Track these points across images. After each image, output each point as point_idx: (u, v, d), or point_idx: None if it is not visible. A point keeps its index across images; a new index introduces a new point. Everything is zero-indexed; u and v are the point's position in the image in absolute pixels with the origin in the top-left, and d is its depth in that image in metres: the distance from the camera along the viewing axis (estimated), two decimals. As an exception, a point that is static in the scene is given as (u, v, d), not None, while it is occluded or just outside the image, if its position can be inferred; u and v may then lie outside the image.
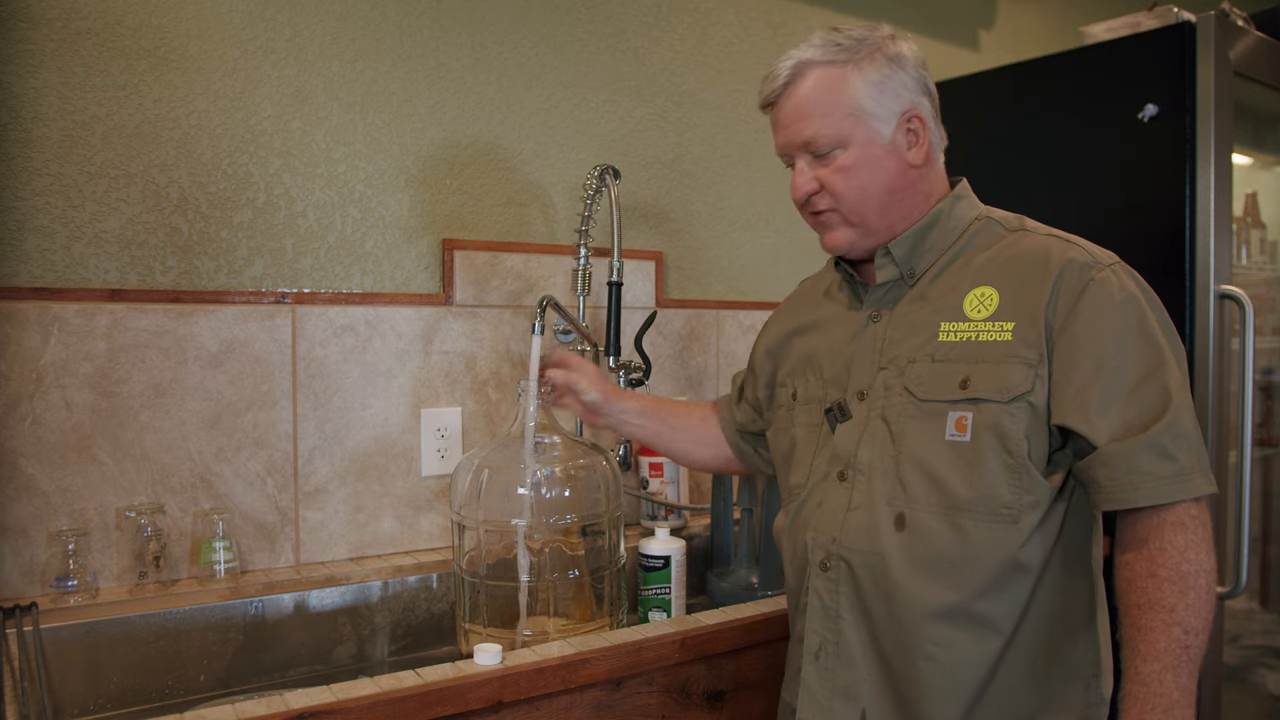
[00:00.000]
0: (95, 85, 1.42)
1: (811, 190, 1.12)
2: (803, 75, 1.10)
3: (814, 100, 1.09)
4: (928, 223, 1.13)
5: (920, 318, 1.10)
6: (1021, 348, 1.02)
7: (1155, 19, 1.84)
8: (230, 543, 1.48)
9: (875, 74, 1.08)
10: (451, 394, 1.73)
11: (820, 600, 1.09)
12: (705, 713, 1.28)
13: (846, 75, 1.08)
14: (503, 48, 1.80)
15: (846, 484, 1.10)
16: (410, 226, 1.70)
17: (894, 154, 1.10)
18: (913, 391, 1.07)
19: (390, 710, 1.01)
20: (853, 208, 1.11)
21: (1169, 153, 1.77)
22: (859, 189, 1.10)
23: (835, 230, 1.14)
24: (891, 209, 1.12)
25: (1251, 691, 2.16)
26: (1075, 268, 1.03)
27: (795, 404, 1.22)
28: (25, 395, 1.37)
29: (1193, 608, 0.95)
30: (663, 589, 1.56)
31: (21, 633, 1.24)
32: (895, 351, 1.10)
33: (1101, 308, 1.01)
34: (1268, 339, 2.19)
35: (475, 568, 1.41)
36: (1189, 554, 0.96)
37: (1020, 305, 1.04)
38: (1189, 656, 0.95)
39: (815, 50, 1.10)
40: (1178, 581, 0.96)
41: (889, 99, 1.09)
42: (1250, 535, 1.75)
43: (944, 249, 1.13)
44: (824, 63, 1.09)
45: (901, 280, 1.14)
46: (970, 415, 1.03)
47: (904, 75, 1.10)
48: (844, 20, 2.34)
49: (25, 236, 1.38)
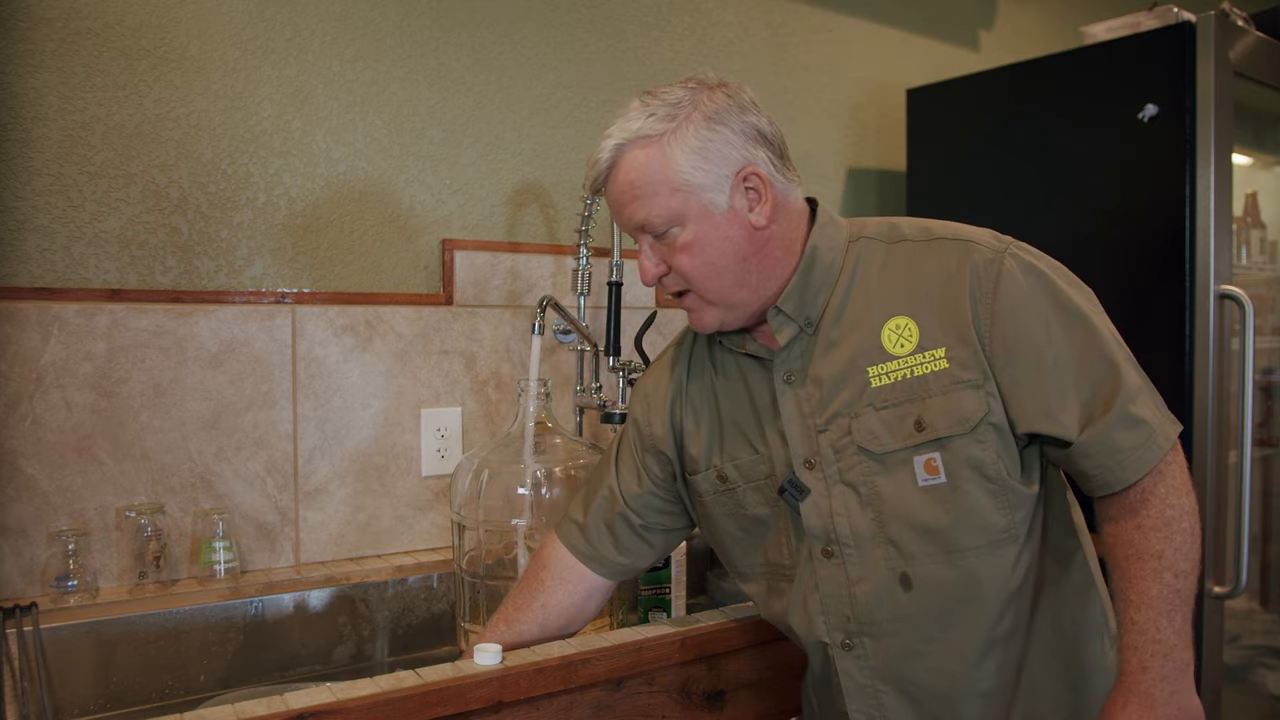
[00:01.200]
0: (95, 85, 1.42)
1: (660, 273, 1.05)
2: (621, 157, 1.02)
3: (636, 182, 1.01)
4: (805, 268, 1.06)
5: (841, 367, 1.04)
6: (962, 371, 0.99)
7: (1155, 19, 1.84)
8: (230, 543, 1.48)
9: (694, 140, 1.00)
10: (451, 394, 1.73)
11: (853, 680, 1.07)
12: (705, 713, 1.28)
13: (664, 150, 1.00)
14: (503, 48, 1.80)
15: (836, 560, 1.06)
16: (410, 226, 1.70)
17: (735, 221, 1.02)
18: (868, 449, 1.02)
19: (390, 710, 1.01)
20: (706, 286, 1.03)
21: (1169, 153, 1.77)
22: (707, 265, 1.02)
23: (700, 312, 1.06)
24: (750, 276, 1.04)
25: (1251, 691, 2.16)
26: (980, 269, 1.00)
27: (731, 486, 1.13)
28: (25, 395, 1.37)
29: (1180, 551, 0.96)
30: (663, 589, 1.56)
31: (21, 633, 1.24)
32: (830, 410, 1.04)
33: (1018, 300, 0.99)
34: (1268, 339, 2.19)
35: (475, 568, 1.41)
36: (1170, 499, 0.98)
37: (943, 328, 1.01)
38: (1181, 599, 0.96)
39: (632, 125, 1.02)
40: (1162, 528, 0.97)
41: (715, 164, 1.00)
42: (1250, 535, 1.75)
43: (831, 285, 1.06)
44: (641, 139, 1.01)
45: (802, 333, 1.06)
46: (938, 455, 1.00)
47: (727, 133, 1.01)
48: (845, 21, 2.34)
49: (25, 236, 1.38)
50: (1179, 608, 0.95)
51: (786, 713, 1.33)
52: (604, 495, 1.22)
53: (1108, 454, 0.97)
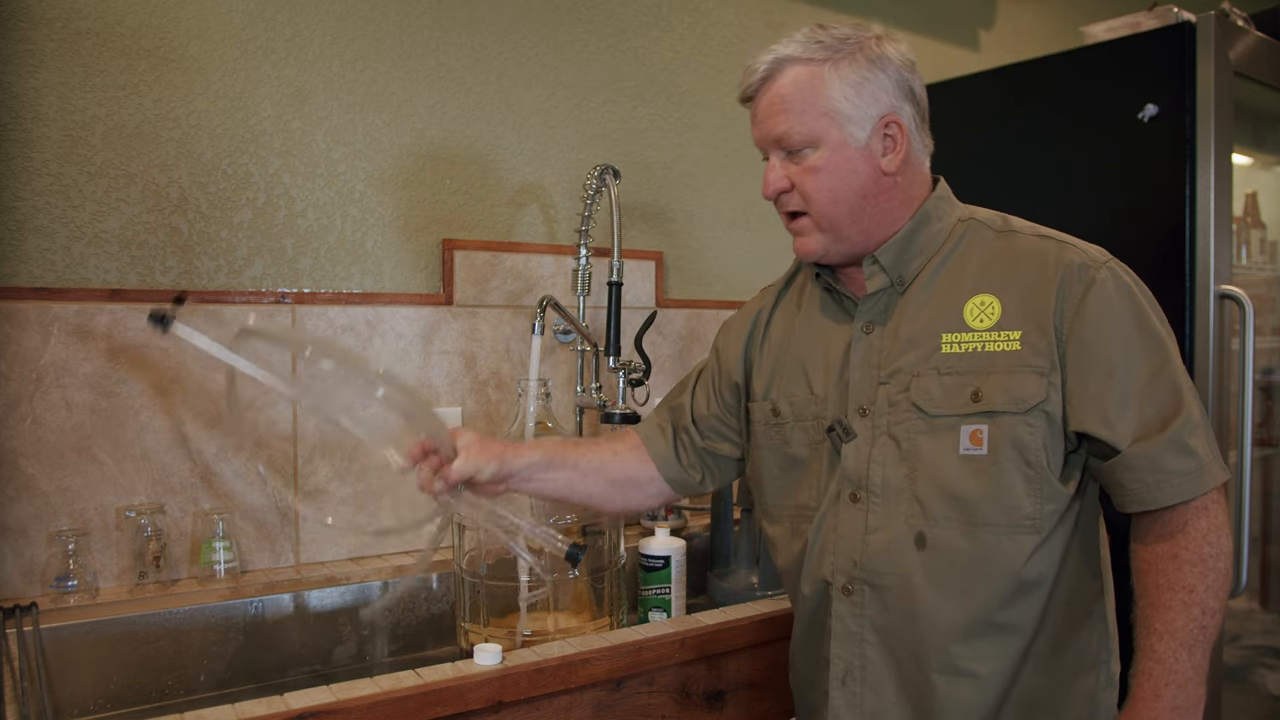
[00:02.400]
0: (95, 85, 1.42)
1: (782, 188, 1.10)
2: (780, 71, 1.07)
3: (788, 97, 1.06)
4: (912, 227, 1.10)
5: (918, 329, 1.07)
6: (1032, 356, 1.01)
7: (1155, 19, 1.84)
8: (230, 543, 1.48)
9: (854, 75, 1.05)
10: (451, 394, 1.73)
11: (844, 625, 1.08)
12: (705, 713, 1.28)
13: (823, 74, 1.05)
14: (503, 48, 1.80)
15: (860, 505, 1.08)
16: (410, 226, 1.70)
17: (867, 159, 1.07)
18: (921, 407, 1.05)
19: (390, 710, 1.01)
20: (822, 211, 1.08)
21: (1169, 153, 1.77)
22: (829, 191, 1.07)
23: (807, 237, 1.11)
24: (865, 216, 1.08)
25: (1251, 691, 2.15)
26: (1075, 270, 1.02)
27: (781, 421, 1.17)
28: (25, 395, 1.37)
29: (1212, 589, 0.97)
30: (663, 589, 1.56)
31: (21, 633, 1.24)
32: (895, 365, 1.08)
33: (1106, 310, 1.01)
34: (1268, 339, 2.18)
35: (475, 568, 1.41)
36: (1210, 537, 0.98)
37: (1025, 313, 1.03)
38: (1205, 636, 0.96)
39: (796, 47, 1.07)
40: (1199, 564, 0.97)
41: (866, 102, 1.05)
42: (1250, 535, 1.75)
43: (931, 253, 1.10)
44: (803, 60, 1.06)
45: (892, 288, 1.11)
46: (986, 428, 1.02)
47: (884, 78, 1.06)
48: (844, 20, 2.34)
49: (25, 236, 1.38)
50: (1201, 644, 0.96)
51: (786, 713, 1.33)
52: (676, 409, 1.30)
53: (1152, 471, 0.98)
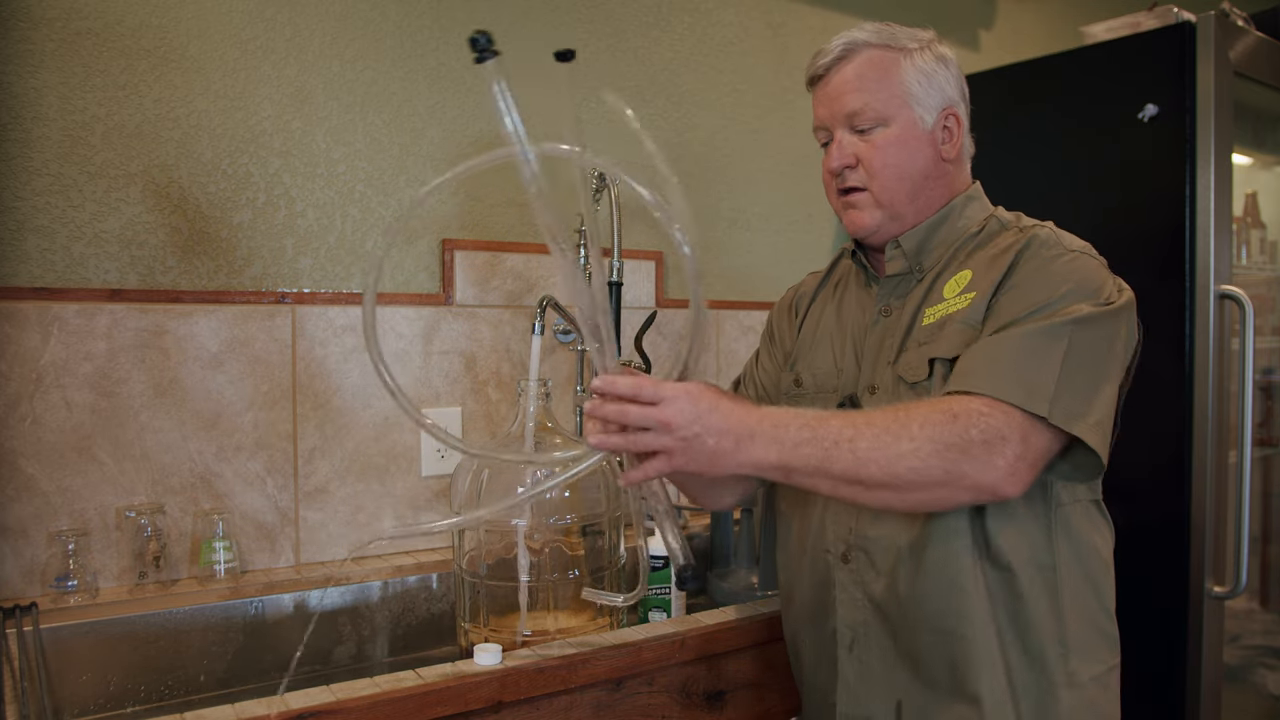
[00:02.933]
0: (95, 85, 1.42)
1: (848, 163, 1.14)
2: (856, 52, 1.14)
3: (865, 75, 1.13)
4: (939, 219, 1.16)
5: (919, 311, 1.13)
6: (972, 314, 1.05)
7: (1155, 19, 1.84)
8: (230, 543, 1.48)
9: (925, 65, 1.13)
10: (451, 394, 1.73)
11: (848, 593, 1.12)
12: (705, 713, 1.28)
13: (899, 60, 1.13)
14: (503, 48, 1.80)
15: None
16: (410, 226, 1.70)
17: (931, 142, 1.14)
18: (904, 378, 1.10)
19: (390, 710, 1.01)
20: (885, 186, 1.13)
21: (1169, 153, 1.77)
22: (896, 168, 1.12)
23: (863, 211, 1.15)
24: (920, 196, 1.15)
25: (1251, 691, 2.15)
26: (1034, 244, 1.06)
27: (803, 392, 1.23)
28: (25, 395, 1.37)
29: (891, 455, 0.94)
30: (663, 589, 1.56)
31: (21, 633, 1.24)
32: (900, 346, 1.13)
33: (1035, 262, 1.05)
34: (1268, 339, 2.19)
35: (475, 568, 1.41)
36: (976, 425, 0.96)
37: (984, 280, 1.07)
38: (827, 458, 0.94)
39: (869, 34, 1.14)
40: (933, 424, 0.95)
41: (934, 91, 1.13)
42: (1250, 535, 1.75)
43: (952, 246, 1.15)
44: (878, 45, 1.13)
45: (911, 274, 1.16)
46: (934, 385, 1.06)
47: (949, 74, 1.15)
48: (846, 21, 2.34)
49: (25, 236, 1.38)
50: (819, 456, 0.93)
51: (786, 713, 1.33)
52: (744, 378, 1.37)
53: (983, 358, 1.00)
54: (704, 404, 0.93)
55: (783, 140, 2.19)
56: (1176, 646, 1.76)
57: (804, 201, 2.23)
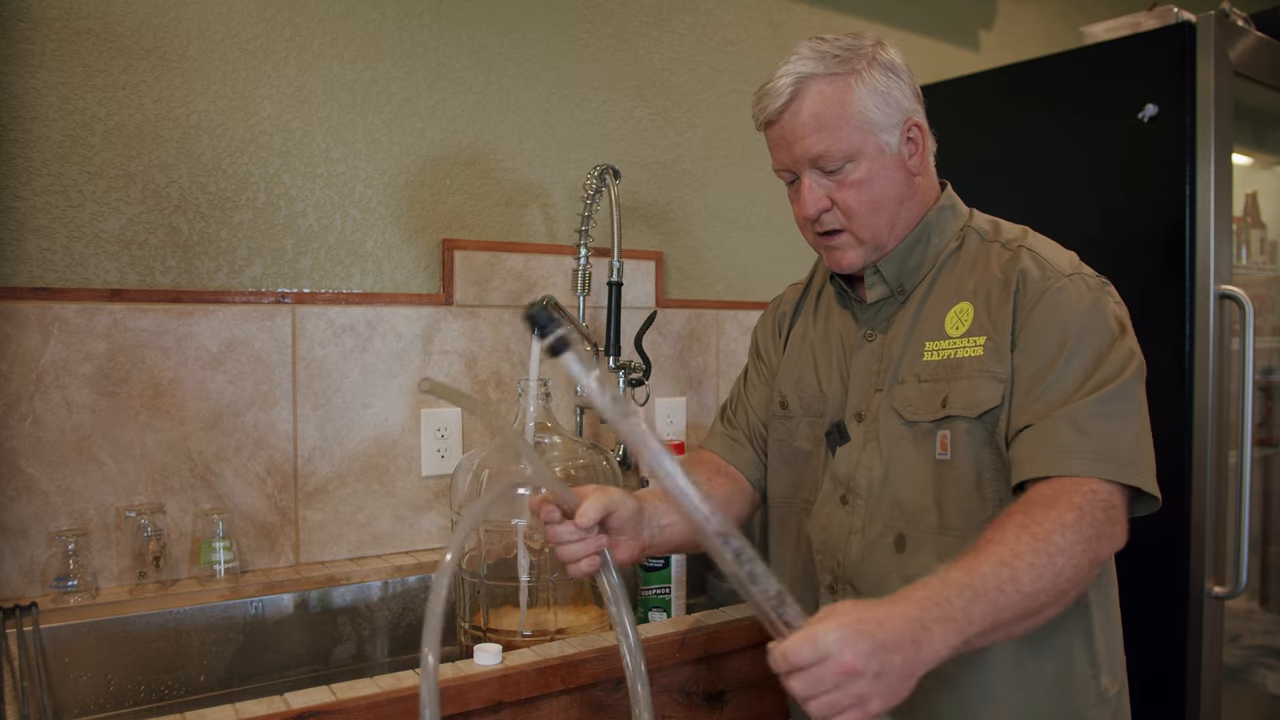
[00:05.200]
0: (95, 85, 1.42)
1: (824, 208, 1.09)
2: (805, 89, 1.06)
3: (821, 114, 1.05)
4: (914, 238, 1.12)
5: (913, 339, 1.10)
6: (993, 362, 1.02)
7: (1155, 19, 1.84)
8: (230, 543, 1.48)
9: (878, 84, 1.06)
10: (451, 394, 1.73)
11: None
12: (705, 713, 1.28)
13: (851, 87, 1.05)
14: (503, 48, 1.80)
15: (848, 508, 1.10)
16: (410, 226, 1.70)
17: (900, 164, 1.09)
18: (900, 413, 1.07)
19: (390, 710, 1.01)
20: (864, 223, 1.08)
21: (1169, 153, 1.77)
22: (872, 203, 1.08)
23: (846, 251, 1.11)
24: (899, 221, 1.11)
25: (1251, 691, 2.15)
26: (1033, 282, 1.03)
27: (789, 415, 1.21)
28: (25, 395, 1.37)
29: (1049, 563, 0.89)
30: (663, 589, 1.56)
31: (21, 633, 1.24)
32: (889, 374, 1.10)
33: (1051, 311, 1.01)
34: (1268, 339, 2.18)
35: (475, 568, 1.41)
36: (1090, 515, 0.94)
37: (991, 321, 1.04)
38: (1006, 612, 0.86)
39: (810, 64, 1.06)
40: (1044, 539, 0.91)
41: (891, 109, 1.07)
42: (1250, 535, 1.75)
43: (932, 263, 1.12)
44: (825, 75, 1.06)
45: (892, 297, 1.13)
46: (949, 433, 1.03)
47: (900, 83, 1.08)
48: (846, 21, 2.34)
49: (25, 236, 1.38)
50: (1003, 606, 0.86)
51: (787, 713, 1.33)
52: (739, 421, 1.30)
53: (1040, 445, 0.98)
54: (867, 624, 0.79)
55: (783, 140, 2.19)
56: (1176, 646, 1.76)
57: (804, 201, 2.23)
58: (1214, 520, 1.75)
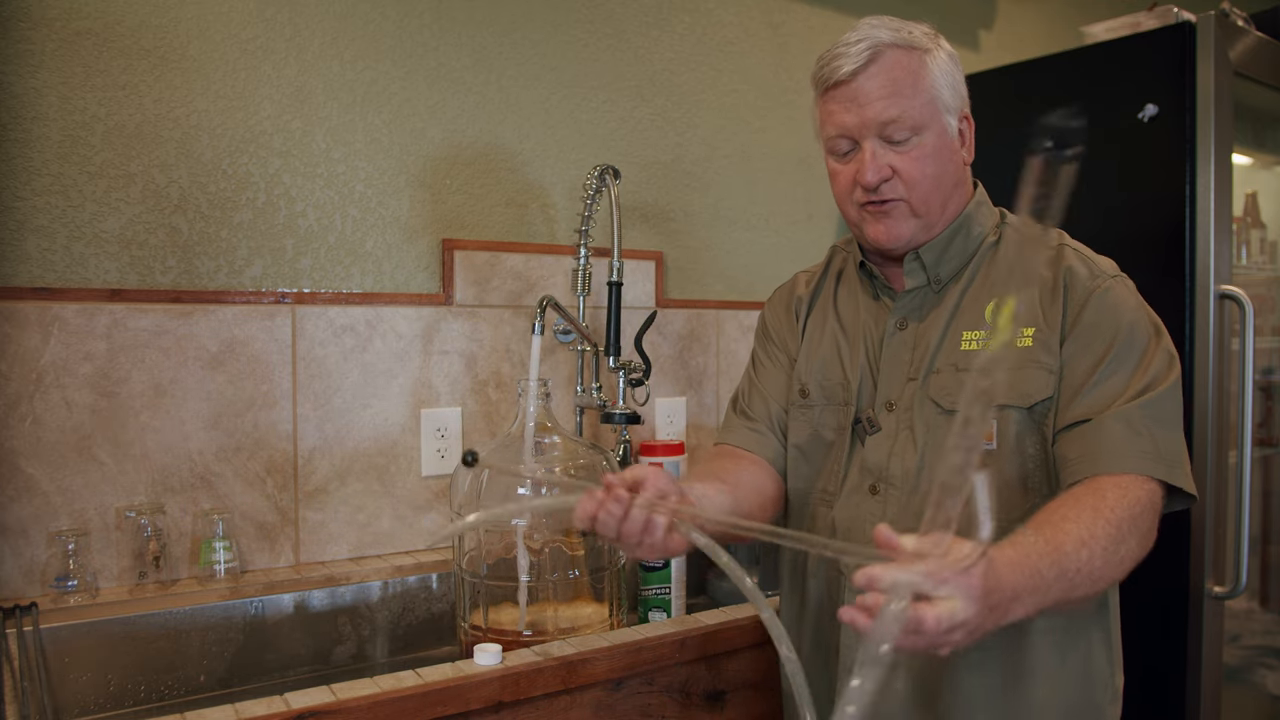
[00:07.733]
0: (95, 85, 1.42)
1: (885, 176, 1.07)
2: (882, 54, 1.05)
3: (898, 80, 1.05)
4: (955, 228, 1.12)
5: (946, 328, 1.10)
6: (1042, 353, 1.03)
7: (1155, 19, 1.84)
8: (230, 543, 1.48)
9: (948, 66, 1.09)
10: (451, 394, 1.73)
11: None
12: (705, 713, 1.28)
13: (925, 63, 1.07)
14: (503, 48, 1.80)
15: (879, 498, 1.09)
16: (410, 226, 1.70)
17: (957, 150, 1.10)
18: (938, 402, 1.06)
19: (390, 710, 1.01)
20: (923, 197, 1.08)
21: (1169, 153, 1.77)
22: (934, 178, 1.07)
23: (900, 222, 1.09)
24: (949, 205, 1.11)
25: (1251, 691, 2.15)
26: (1081, 279, 1.04)
27: (810, 404, 1.19)
28: (25, 395, 1.37)
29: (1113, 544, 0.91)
30: (663, 589, 1.56)
31: (21, 633, 1.24)
32: (923, 363, 1.09)
33: (1102, 309, 1.03)
34: (1268, 339, 2.18)
35: (475, 568, 1.41)
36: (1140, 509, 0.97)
37: (1039, 313, 1.05)
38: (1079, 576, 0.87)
39: (888, 33, 1.06)
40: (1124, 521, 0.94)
41: (956, 94, 1.09)
42: (1250, 535, 1.75)
43: (968, 256, 1.12)
44: (903, 46, 1.06)
45: (928, 286, 1.12)
46: (995, 423, 1.03)
47: (960, 74, 1.11)
48: (846, 21, 2.34)
49: (25, 236, 1.38)
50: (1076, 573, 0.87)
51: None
52: (760, 410, 1.25)
53: None
54: (994, 600, 0.78)
55: (783, 140, 2.19)
56: (1176, 646, 1.76)
57: (804, 201, 2.24)
58: (1214, 520, 1.75)
